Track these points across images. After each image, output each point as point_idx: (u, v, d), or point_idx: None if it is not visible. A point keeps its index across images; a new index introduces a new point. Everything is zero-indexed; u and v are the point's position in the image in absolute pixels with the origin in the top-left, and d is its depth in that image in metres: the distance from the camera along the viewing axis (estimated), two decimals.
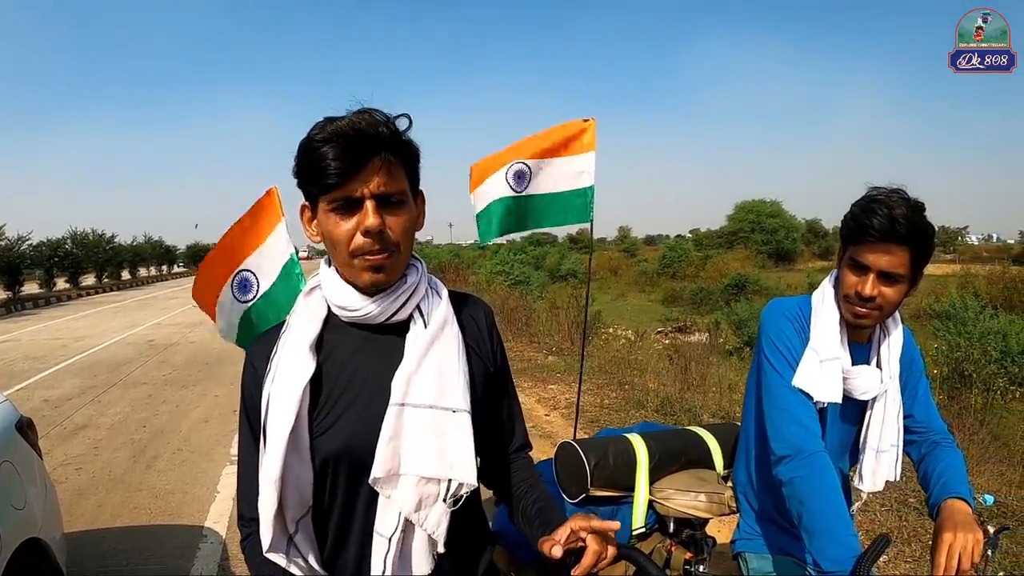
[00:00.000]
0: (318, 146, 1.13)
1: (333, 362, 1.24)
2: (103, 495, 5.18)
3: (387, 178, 1.15)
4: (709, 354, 11.50)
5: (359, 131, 1.12)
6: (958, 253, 47.51)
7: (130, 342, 13.97)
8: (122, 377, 9.96)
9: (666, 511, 2.21)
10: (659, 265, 38.99)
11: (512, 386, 1.48)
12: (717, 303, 22.16)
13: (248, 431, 1.30)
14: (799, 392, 1.71)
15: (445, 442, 1.19)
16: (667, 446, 2.29)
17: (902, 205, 1.58)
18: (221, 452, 6.22)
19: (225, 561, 4.04)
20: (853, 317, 1.70)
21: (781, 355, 1.76)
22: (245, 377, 1.31)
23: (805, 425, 1.68)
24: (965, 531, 1.51)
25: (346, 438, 1.20)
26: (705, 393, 8.11)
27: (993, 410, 8.81)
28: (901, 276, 1.62)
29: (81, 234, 35.46)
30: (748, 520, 2.01)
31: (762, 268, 36.11)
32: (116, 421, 7.42)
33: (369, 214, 1.14)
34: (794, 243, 54.42)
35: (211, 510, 4.83)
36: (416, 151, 1.24)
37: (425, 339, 1.23)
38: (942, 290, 18.44)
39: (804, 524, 1.57)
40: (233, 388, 8.81)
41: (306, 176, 1.18)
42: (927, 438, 1.88)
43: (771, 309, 1.86)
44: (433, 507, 1.18)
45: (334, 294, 1.24)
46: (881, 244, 1.59)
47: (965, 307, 12.58)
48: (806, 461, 1.62)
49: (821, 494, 1.57)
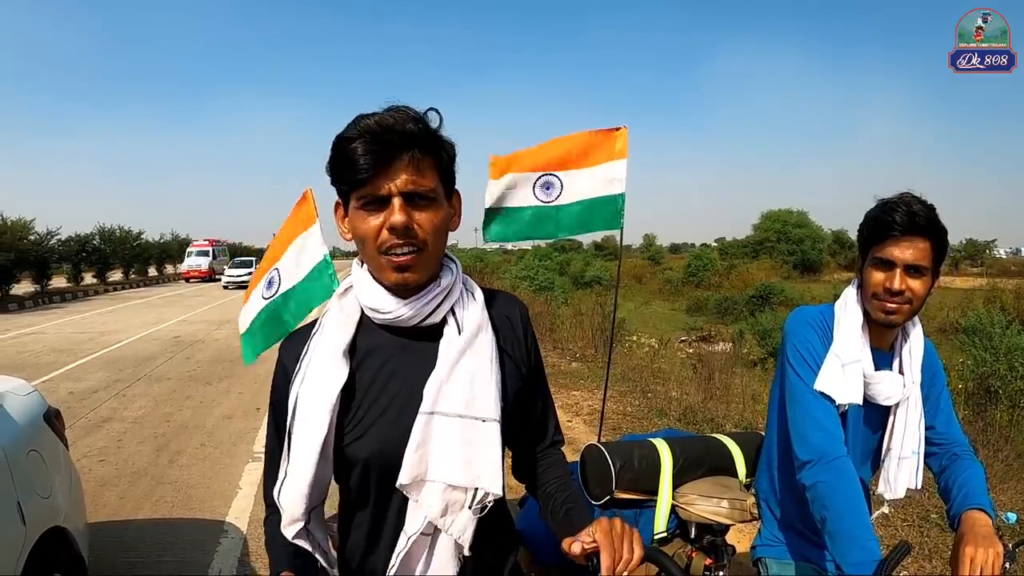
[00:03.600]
0: (347, 143, 1.13)
1: (366, 367, 1.25)
2: (126, 487, 5.26)
3: (415, 175, 1.15)
4: (733, 364, 11.42)
5: (387, 128, 1.12)
6: (985, 267, 46.77)
7: (156, 338, 14.16)
8: (147, 372, 10.09)
9: (688, 516, 2.22)
10: (684, 273, 38.81)
11: (545, 383, 1.48)
12: (741, 313, 21.99)
13: (274, 427, 1.33)
14: (822, 398, 1.73)
15: (473, 451, 1.19)
16: (691, 452, 2.31)
17: (917, 202, 1.66)
18: (244, 449, 6.28)
19: (245, 557, 4.08)
20: (884, 314, 1.71)
21: (805, 361, 1.78)
22: (276, 374, 1.32)
23: (829, 431, 1.70)
24: (986, 544, 1.51)
25: (377, 445, 1.21)
26: (728, 403, 8.04)
27: (1019, 427, 8.64)
28: (925, 268, 1.67)
29: (108, 230, 35.97)
30: (770, 527, 2.02)
31: (787, 278, 35.78)
32: (140, 415, 7.52)
33: (395, 211, 1.14)
34: (820, 254, 53.76)
35: (233, 506, 4.88)
36: (450, 149, 1.23)
37: (458, 346, 1.22)
38: (968, 304, 18.16)
39: (827, 528, 1.58)
40: (257, 386, 8.91)
41: (336, 173, 1.18)
42: (948, 450, 1.89)
43: (795, 317, 1.89)
44: (459, 514, 1.19)
45: (366, 295, 1.24)
46: (905, 238, 1.65)
47: (992, 322, 12.36)
48: (830, 466, 1.64)
49: (844, 499, 1.59)
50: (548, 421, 1.49)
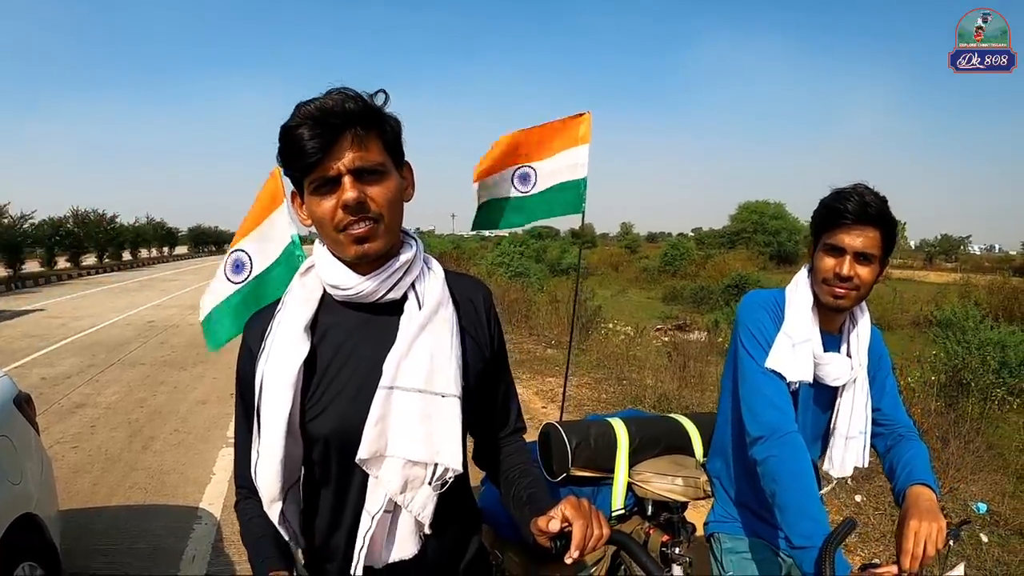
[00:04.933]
0: (292, 131, 1.15)
1: (327, 343, 1.25)
2: (99, 474, 5.20)
3: (362, 151, 1.17)
4: (708, 353, 11.50)
5: (327, 111, 1.14)
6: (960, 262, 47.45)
7: (130, 322, 14.01)
8: (121, 357, 9.98)
9: (644, 494, 2.28)
10: (660, 262, 38.80)
11: (508, 370, 1.49)
12: (717, 302, 22.08)
13: (242, 407, 1.33)
14: (774, 376, 1.79)
15: (432, 426, 1.20)
16: (648, 431, 2.38)
17: (870, 193, 1.73)
18: (218, 434, 6.25)
19: (219, 542, 4.06)
20: (833, 299, 1.79)
21: (757, 342, 1.84)
22: (241, 355, 1.32)
23: (780, 407, 1.76)
24: (930, 518, 1.56)
25: (338, 420, 1.21)
26: (703, 391, 8.10)
27: (990, 420, 8.80)
28: (874, 257, 1.74)
29: (82, 214, 35.38)
30: (722, 504, 2.08)
31: (763, 269, 36.01)
32: (114, 401, 7.44)
33: (347, 188, 1.16)
34: (796, 245, 53.97)
35: (207, 491, 4.86)
36: (394, 122, 1.24)
37: (418, 321, 1.23)
38: (943, 298, 18.41)
39: (777, 501, 1.63)
40: (231, 372, 8.56)
41: (287, 161, 1.20)
42: (894, 431, 1.96)
43: (747, 301, 1.96)
44: (419, 490, 1.20)
45: (327, 272, 1.25)
46: (856, 226, 1.72)
47: (966, 316, 12.55)
48: (781, 441, 1.69)
49: (794, 473, 1.64)
50: (510, 408, 1.50)
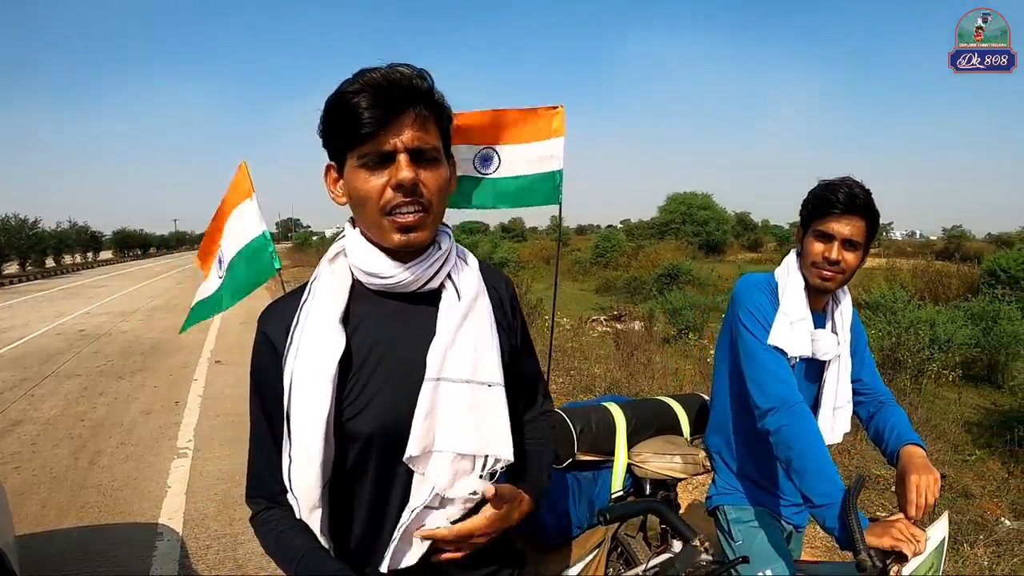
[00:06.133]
0: (350, 97, 1.08)
1: (362, 335, 1.19)
2: (46, 495, 4.95)
3: (422, 131, 1.11)
4: (647, 342, 11.69)
5: (393, 82, 1.08)
6: (883, 248, 49.30)
7: (60, 332, 13.41)
8: (55, 369, 9.54)
9: (644, 474, 2.34)
10: (592, 254, 39.14)
11: (535, 355, 1.48)
12: (650, 292, 22.39)
13: (260, 408, 1.24)
14: (776, 352, 1.92)
15: (481, 416, 1.16)
16: (641, 414, 2.44)
17: (858, 185, 1.88)
18: (167, 445, 6.03)
19: (185, 559, 3.91)
20: (821, 280, 1.94)
21: (757, 321, 1.96)
22: (259, 351, 1.23)
23: (785, 380, 1.88)
24: (926, 472, 1.73)
25: (381, 418, 1.15)
26: (652, 378, 8.23)
27: (926, 395, 9.19)
28: (859, 244, 1.90)
29: (3, 219, 33.83)
30: (725, 477, 2.18)
31: (693, 259, 36.61)
32: (52, 416, 7.10)
33: (402, 167, 1.09)
34: (724, 235, 55.19)
35: (164, 506, 4.68)
36: (449, 111, 1.19)
37: (460, 311, 1.19)
38: (871, 281, 19.09)
39: (794, 466, 1.73)
40: (172, 379, 8.58)
41: (334, 129, 1.12)
42: (874, 399, 2.14)
43: (744, 283, 2.08)
44: (467, 479, 1.16)
45: (363, 260, 1.18)
46: (845, 215, 1.87)
47: (894, 298, 13.04)
48: (791, 411, 1.80)
49: (808, 439, 1.76)
50: (537, 391, 1.48)
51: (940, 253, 44.18)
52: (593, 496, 2.29)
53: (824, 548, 3.84)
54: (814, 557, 3.55)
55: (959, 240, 52.01)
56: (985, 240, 55.30)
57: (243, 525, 4.31)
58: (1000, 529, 4.73)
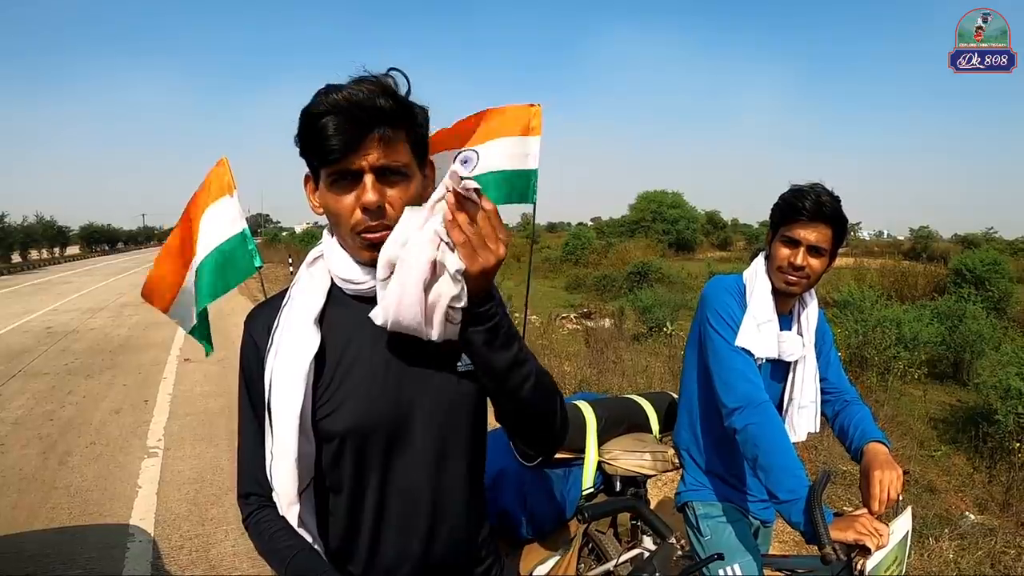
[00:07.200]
0: (316, 119, 1.10)
1: (338, 337, 1.22)
2: (16, 496, 4.88)
3: (388, 150, 1.12)
4: (617, 339, 11.77)
5: (356, 104, 1.09)
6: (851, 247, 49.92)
7: (26, 329, 13.23)
8: (21, 367, 9.41)
9: (614, 471, 2.36)
10: (562, 252, 39.23)
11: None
12: (621, 290, 22.54)
13: (248, 407, 1.27)
14: (743, 353, 1.96)
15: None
16: (611, 411, 2.46)
17: (826, 193, 1.91)
18: (137, 444, 5.98)
19: (158, 560, 3.89)
20: (786, 285, 1.98)
21: (725, 322, 2.00)
22: (244, 351, 1.27)
23: (752, 380, 1.93)
24: (889, 467, 1.79)
25: (355, 417, 1.19)
26: (622, 375, 8.30)
27: (892, 392, 9.36)
28: (825, 250, 1.94)
29: None
30: (693, 474, 2.23)
31: (663, 257, 36.90)
32: (20, 415, 7.00)
33: (368, 189, 1.12)
34: (694, 234, 55.61)
35: (135, 506, 4.64)
36: (421, 118, 1.19)
37: None
38: (839, 281, 19.39)
39: (760, 463, 1.79)
40: (142, 377, 8.50)
41: (306, 148, 1.15)
42: (840, 397, 2.19)
43: (713, 285, 2.12)
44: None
45: (338, 267, 1.22)
46: (811, 223, 1.90)
47: (862, 296, 13.26)
48: (757, 409, 1.85)
49: (773, 437, 1.81)
50: None
51: (907, 253, 44.87)
52: (564, 493, 2.31)
53: (792, 543, 3.92)
54: (782, 552, 3.63)
55: (926, 240, 52.75)
56: (951, 241, 56.14)
57: (215, 525, 4.30)
58: (965, 523, 4.87)
